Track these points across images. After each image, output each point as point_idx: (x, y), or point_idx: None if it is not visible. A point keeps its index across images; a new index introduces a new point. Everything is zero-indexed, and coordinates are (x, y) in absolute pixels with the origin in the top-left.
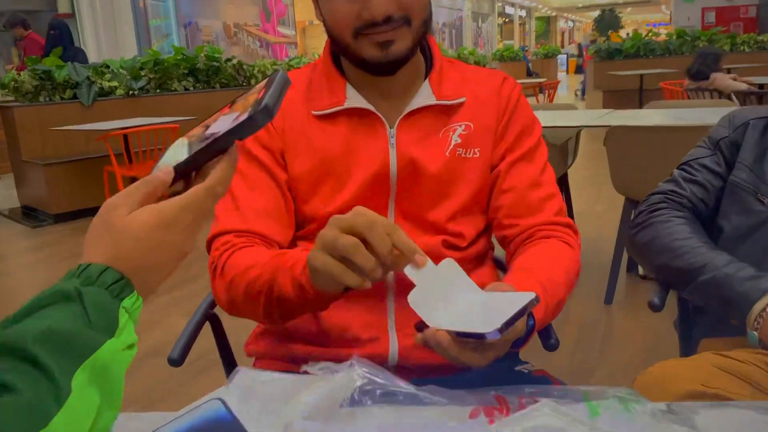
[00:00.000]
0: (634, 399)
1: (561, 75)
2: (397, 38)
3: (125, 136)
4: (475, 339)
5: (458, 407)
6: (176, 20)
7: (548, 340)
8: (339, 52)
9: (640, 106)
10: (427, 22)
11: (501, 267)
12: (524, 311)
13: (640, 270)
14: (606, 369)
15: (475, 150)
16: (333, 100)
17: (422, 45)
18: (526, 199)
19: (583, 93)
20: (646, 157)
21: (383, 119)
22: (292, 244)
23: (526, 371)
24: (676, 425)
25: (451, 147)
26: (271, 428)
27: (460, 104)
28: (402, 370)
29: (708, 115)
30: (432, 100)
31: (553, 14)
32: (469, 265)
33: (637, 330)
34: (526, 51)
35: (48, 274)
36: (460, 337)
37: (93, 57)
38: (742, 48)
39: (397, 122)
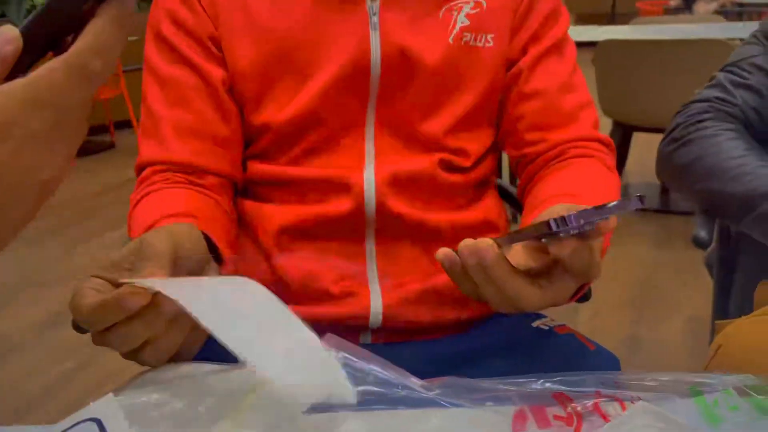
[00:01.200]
0: (764, 390)
1: None
2: None
3: None
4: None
5: (492, 410)
6: None
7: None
8: None
9: None
10: None
11: (507, 197)
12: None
13: None
14: (597, 306)
15: (488, 37)
16: None
17: None
18: (558, 106)
19: None
20: (642, 76)
21: None
22: (243, 167)
23: (546, 327)
24: None
25: (456, 31)
26: None
27: None
28: (385, 332)
29: (713, 29)
30: None
31: None
32: (471, 193)
33: (624, 260)
34: None
35: None
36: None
37: None
38: None
39: None
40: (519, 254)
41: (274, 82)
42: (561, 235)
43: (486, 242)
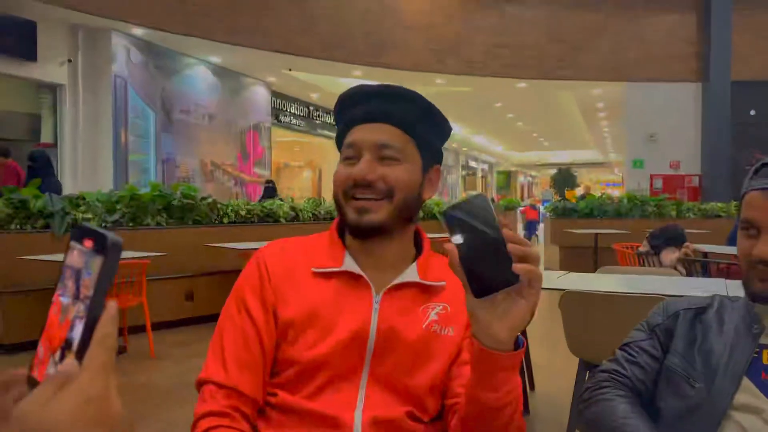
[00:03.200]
0: None
1: (520, 226)
2: (373, 209)
3: None
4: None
5: None
6: (155, 156)
7: None
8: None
9: (595, 264)
10: (411, 206)
11: None
12: None
13: None
14: None
15: (450, 329)
16: (332, 262)
17: (416, 235)
18: None
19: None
20: (600, 322)
21: (371, 285)
22: (264, 394)
23: None
24: None
25: (428, 321)
26: None
27: (441, 287)
28: None
29: (661, 284)
30: (416, 278)
31: (514, 169)
32: None
33: None
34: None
35: None
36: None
37: (69, 187)
38: (687, 215)
39: (383, 291)
40: None
41: (306, 330)
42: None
43: None
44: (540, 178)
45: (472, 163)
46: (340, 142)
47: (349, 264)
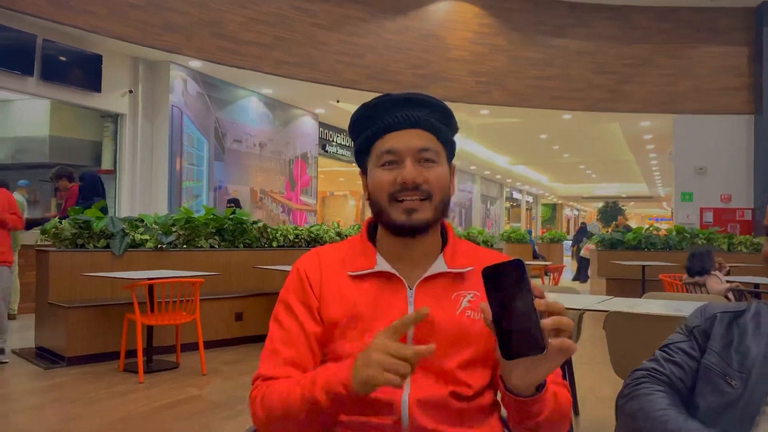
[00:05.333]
0: None
1: (566, 260)
2: (420, 209)
3: (150, 286)
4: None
5: None
6: (208, 184)
7: None
8: (375, 217)
9: (642, 294)
10: (446, 203)
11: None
12: None
13: None
14: None
15: (481, 314)
16: (365, 264)
17: (441, 228)
18: None
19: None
20: (644, 344)
21: (404, 282)
22: None
23: None
24: None
25: (461, 308)
26: None
27: (470, 273)
28: None
29: None
30: (445, 269)
31: (559, 202)
32: (475, 417)
33: None
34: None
35: (51, 420)
36: None
37: (126, 210)
38: (739, 248)
39: (416, 285)
40: None
41: (350, 329)
42: None
43: None
44: (586, 212)
45: (516, 195)
46: (365, 150)
47: (382, 264)
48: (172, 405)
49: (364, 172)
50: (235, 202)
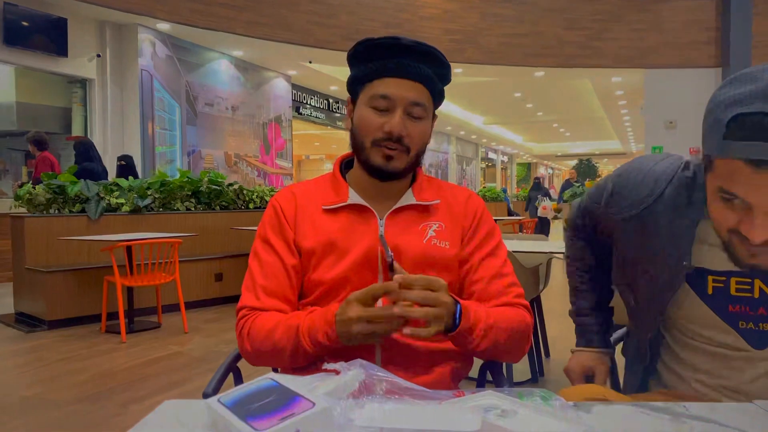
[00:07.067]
0: (552, 397)
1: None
2: (397, 158)
3: (129, 248)
4: None
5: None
6: (181, 148)
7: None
8: (355, 150)
9: None
10: (420, 154)
11: None
12: None
13: None
14: None
15: (446, 243)
16: (338, 198)
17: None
18: (494, 286)
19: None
20: None
21: (375, 213)
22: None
23: None
24: (580, 412)
25: (428, 237)
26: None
27: (436, 206)
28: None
29: None
30: (413, 201)
31: (534, 161)
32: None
33: None
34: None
35: (35, 377)
36: None
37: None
38: None
39: (386, 215)
40: None
41: (325, 257)
42: None
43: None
44: (560, 171)
45: (492, 155)
46: (359, 83)
47: (354, 197)
48: (155, 360)
49: (353, 101)
50: (126, 159)
